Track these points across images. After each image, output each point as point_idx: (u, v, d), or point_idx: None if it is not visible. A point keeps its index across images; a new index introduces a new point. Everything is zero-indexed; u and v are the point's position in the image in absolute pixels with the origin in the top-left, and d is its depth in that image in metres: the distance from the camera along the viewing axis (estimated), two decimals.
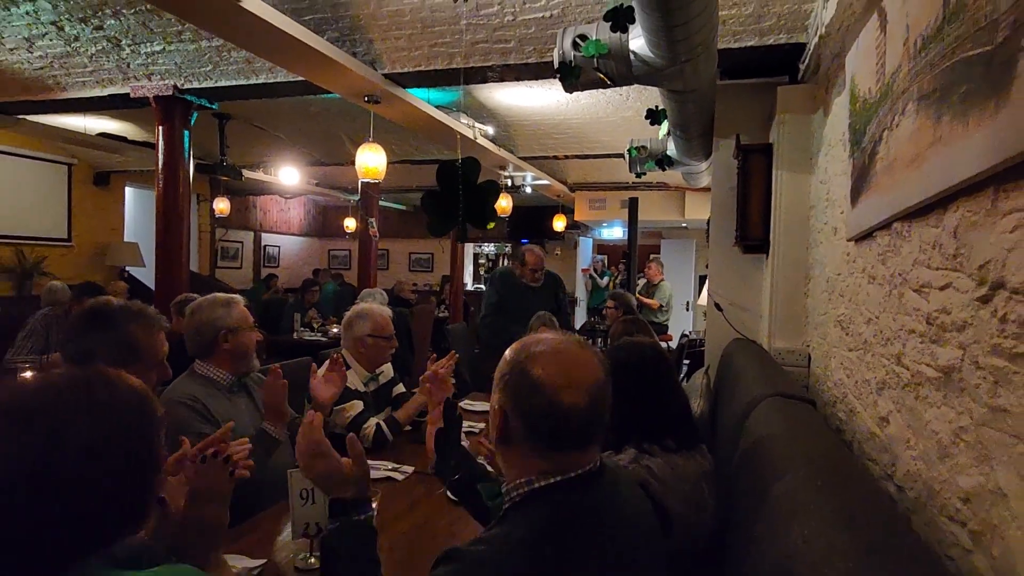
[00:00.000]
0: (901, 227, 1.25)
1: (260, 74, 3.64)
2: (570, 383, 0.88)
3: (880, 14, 1.39)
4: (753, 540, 1.00)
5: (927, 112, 1.03)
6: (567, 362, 0.91)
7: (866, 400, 1.51)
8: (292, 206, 10.83)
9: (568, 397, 0.87)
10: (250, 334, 2.02)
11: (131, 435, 0.76)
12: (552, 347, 0.93)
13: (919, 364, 1.11)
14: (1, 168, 5.80)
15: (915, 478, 1.11)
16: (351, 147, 5.96)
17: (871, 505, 0.90)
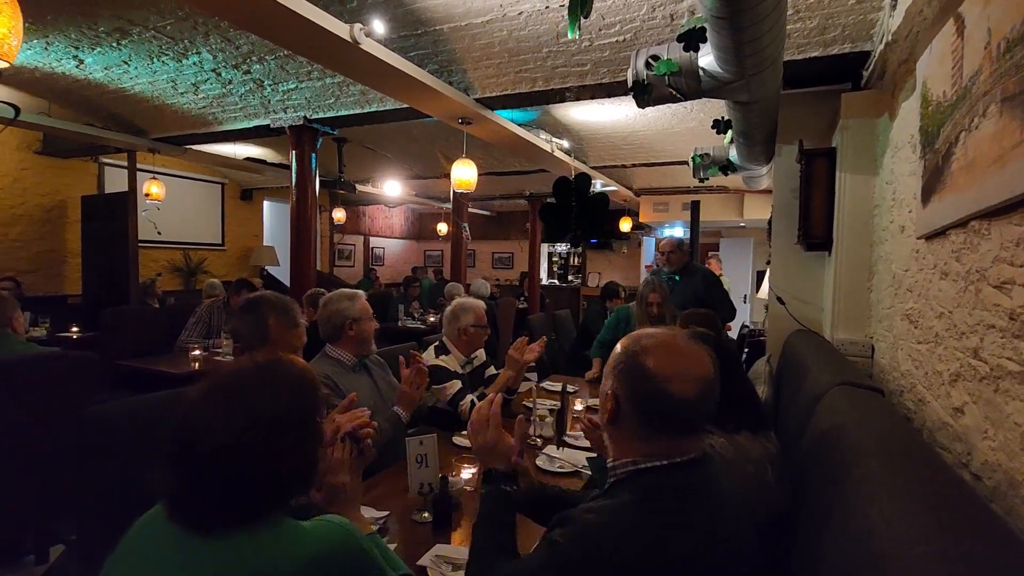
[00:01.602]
0: (979, 225, 1.14)
1: (372, 104, 3.80)
2: (680, 374, 0.86)
3: (956, 20, 1.27)
4: (828, 520, 0.95)
5: (1012, 113, 0.93)
6: (677, 355, 0.89)
7: (937, 391, 1.39)
8: (394, 214, 11.25)
9: (677, 387, 0.85)
10: (370, 323, 2.13)
11: (304, 410, 0.83)
12: (663, 340, 0.91)
13: (999, 358, 1.01)
14: (172, 188, 6.38)
15: (994, 468, 1.01)
16: (445, 162, 6.11)
17: (951, 490, 0.83)
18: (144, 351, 4.01)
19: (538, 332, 4.38)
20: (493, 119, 3.66)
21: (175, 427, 0.79)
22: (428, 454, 1.52)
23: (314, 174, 4.29)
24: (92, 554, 2.33)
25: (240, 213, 8.35)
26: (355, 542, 0.82)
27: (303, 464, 0.82)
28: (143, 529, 0.82)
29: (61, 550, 2.64)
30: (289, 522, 0.80)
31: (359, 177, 7.13)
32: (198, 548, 0.75)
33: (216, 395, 0.79)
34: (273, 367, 0.84)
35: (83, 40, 3.39)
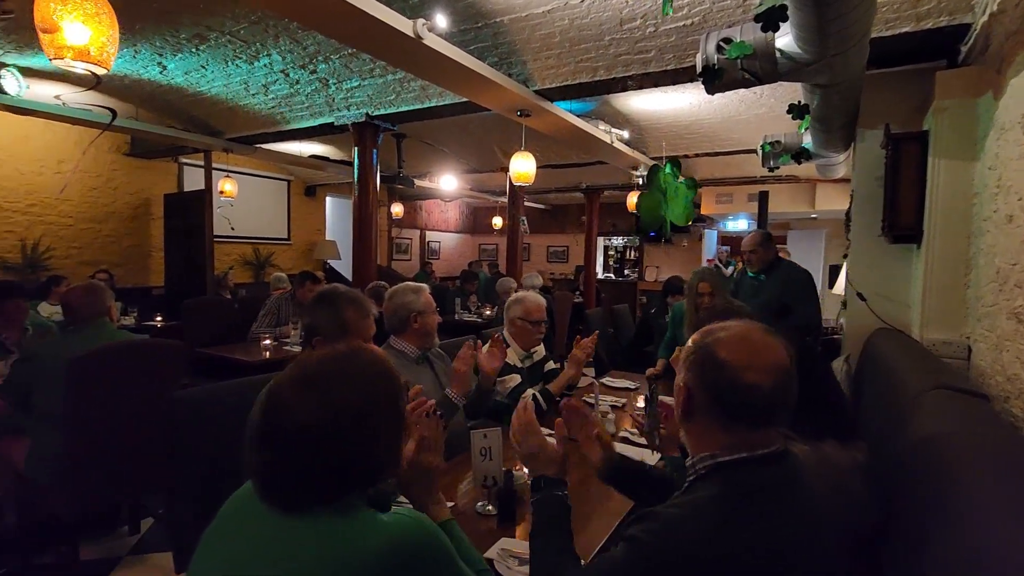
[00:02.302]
0: None
1: (432, 99, 3.85)
2: (754, 363, 0.84)
3: None
4: (927, 537, 0.88)
5: None
6: (752, 345, 0.87)
7: None
8: (450, 208, 11.42)
9: (752, 376, 0.83)
10: (433, 316, 2.16)
11: (386, 397, 0.85)
12: (737, 332, 0.89)
13: None
14: (243, 186, 6.74)
15: None
16: (501, 156, 6.13)
17: None
18: (219, 339, 4.27)
19: (595, 327, 4.32)
20: (552, 111, 3.63)
21: (263, 409, 0.83)
22: (492, 447, 1.53)
23: (375, 170, 4.41)
24: (177, 526, 2.52)
25: (304, 209, 8.72)
26: (433, 537, 0.83)
27: (385, 449, 0.84)
28: (236, 504, 0.87)
29: (151, 523, 2.87)
30: (369, 512, 0.82)
31: (417, 172, 7.27)
32: (283, 526, 0.79)
33: (303, 380, 0.81)
34: (356, 354, 0.87)
35: (166, 47, 3.62)
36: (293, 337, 4.01)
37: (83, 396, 2.14)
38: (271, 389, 0.84)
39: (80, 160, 6.04)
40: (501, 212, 9.16)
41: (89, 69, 1.58)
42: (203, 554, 0.87)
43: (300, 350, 3.62)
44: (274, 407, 0.81)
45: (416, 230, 10.71)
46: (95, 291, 2.42)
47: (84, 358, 2.12)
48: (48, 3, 1.45)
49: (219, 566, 0.82)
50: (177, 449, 1.62)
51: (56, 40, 1.48)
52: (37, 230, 5.77)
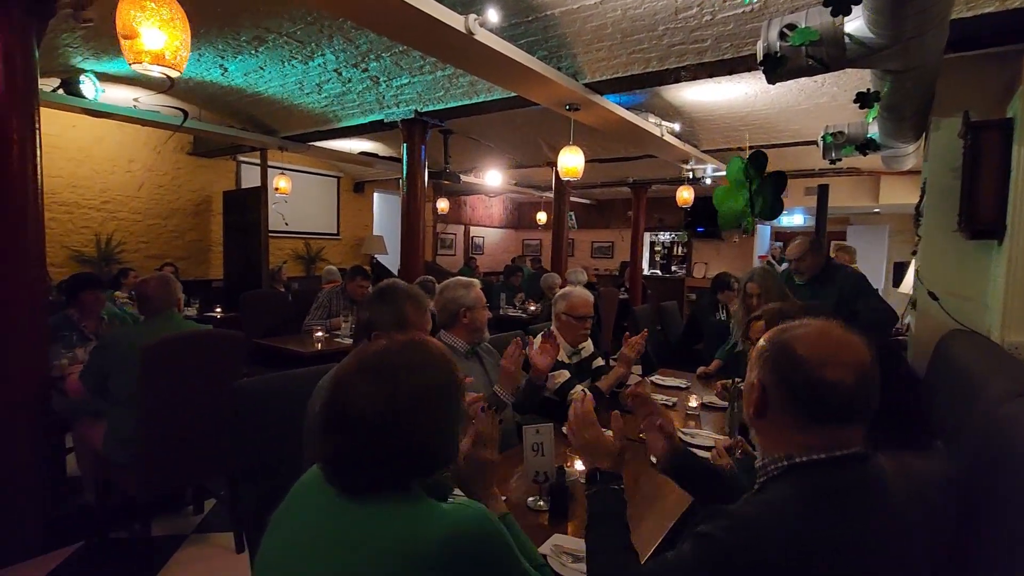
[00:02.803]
0: None
1: (480, 94, 3.88)
2: (833, 360, 0.81)
3: None
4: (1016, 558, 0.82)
5: None
6: (831, 341, 0.83)
7: None
8: (494, 203, 11.48)
9: (832, 373, 0.80)
10: (483, 311, 2.18)
11: (448, 388, 0.86)
12: (816, 328, 0.86)
13: None
14: (296, 183, 6.99)
15: None
16: (547, 151, 6.10)
17: None
18: (274, 331, 4.45)
19: (643, 324, 4.26)
20: (601, 104, 3.58)
21: (329, 397, 0.86)
22: (544, 443, 1.53)
23: (423, 165, 4.48)
24: (238, 508, 2.65)
25: (353, 204, 8.96)
26: (494, 529, 0.84)
27: (445, 438, 0.86)
28: (303, 487, 0.91)
29: (213, 503, 3.03)
30: (431, 501, 0.83)
31: (463, 168, 7.33)
32: (349, 510, 0.82)
33: (367, 368, 0.84)
34: (419, 344, 0.89)
35: (228, 50, 3.78)
36: (344, 330, 4.13)
37: (154, 382, 2.28)
38: (337, 377, 0.87)
39: (155, 160, 6.42)
40: (546, 207, 9.13)
41: (164, 72, 1.68)
42: (272, 536, 0.90)
43: (352, 343, 3.73)
44: (340, 394, 0.84)
45: (460, 225, 10.83)
46: (168, 283, 2.57)
47: (156, 346, 2.25)
48: (129, 10, 1.54)
49: (287, 547, 0.86)
50: (239, 435, 1.70)
51: (135, 45, 1.57)
52: (110, 225, 6.17)
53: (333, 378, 0.87)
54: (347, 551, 0.79)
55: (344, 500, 0.82)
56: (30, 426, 2.51)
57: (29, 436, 2.51)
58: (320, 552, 0.81)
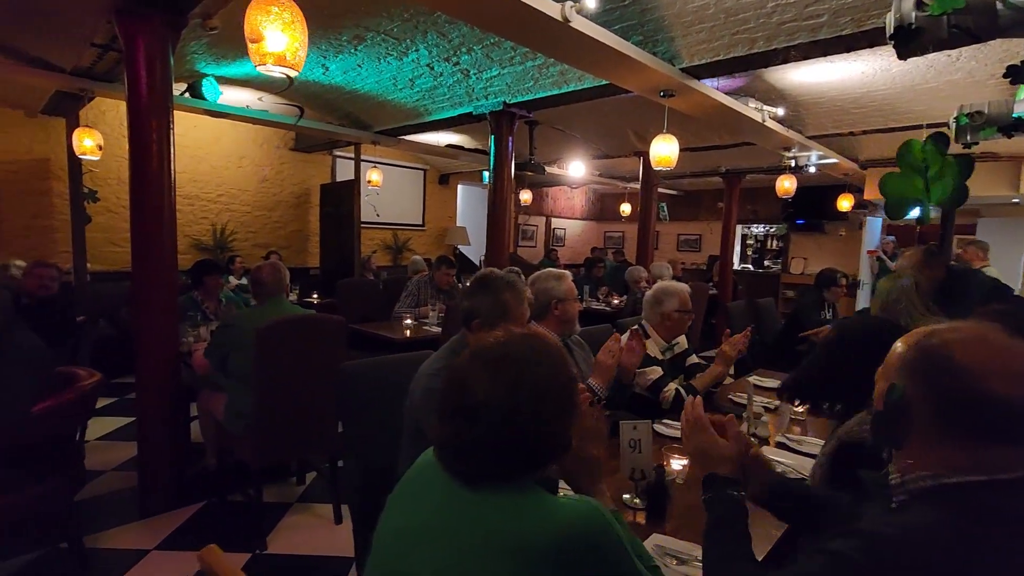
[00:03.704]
0: None
1: (570, 83, 3.84)
2: (999, 370, 0.71)
3: None
4: None
5: None
6: (995, 348, 0.74)
7: None
8: (576, 194, 11.37)
9: (999, 385, 0.71)
10: (574, 304, 2.17)
11: (564, 381, 0.87)
12: (973, 333, 0.76)
13: None
14: (387, 176, 7.30)
15: None
16: (635, 140, 5.95)
17: None
18: (366, 317, 4.70)
19: (737, 321, 4.06)
20: (698, 89, 3.42)
21: (447, 386, 0.88)
22: (642, 440, 1.50)
23: (511, 157, 4.51)
24: (338, 481, 2.83)
25: (438, 196, 9.24)
26: (610, 527, 0.83)
27: (561, 431, 0.86)
28: (419, 469, 0.94)
29: (314, 476, 3.26)
30: (545, 494, 0.84)
31: (547, 159, 7.32)
32: (463, 497, 0.84)
33: (487, 360, 0.85)
34: (537, 338, 0.89)
35: (330, 50, 4.00)
36: (431, 318, 4.28)
37: (267, 361, 2.48)
38: (456, 367, 0.88)
39: (263, 156, 6.98)
40: (630, 198, 8.90)
41: (285, 72, 1.81)
42: (389, 516, 0.94)
43: (440, 331, 3.86)
44: (459, 384, 0.85)
45: (542, 216, 10.84)
46: (279, 270, 2.79)
47: (269, 328, 2.45)
48: (256, 16, 1.68)
49: (403, 529, 0.89)
50: (344, 414, 1.81)
51: (260, 48, 1.71)
52: (224, 216, 6.78)
53: (452, 368, 0.90)
54: (460, 538, 0.81)
55: (459, 487, 0.84)
56: (167, 396, 2.84)
57: (166, 405, 2.84)
58: (434, 537, 0.83)
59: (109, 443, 3.64)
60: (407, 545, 0.86)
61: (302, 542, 2.58)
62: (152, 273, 2.78)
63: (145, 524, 2.69)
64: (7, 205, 5.33)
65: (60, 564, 2.34)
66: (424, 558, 0.82)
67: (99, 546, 2.47)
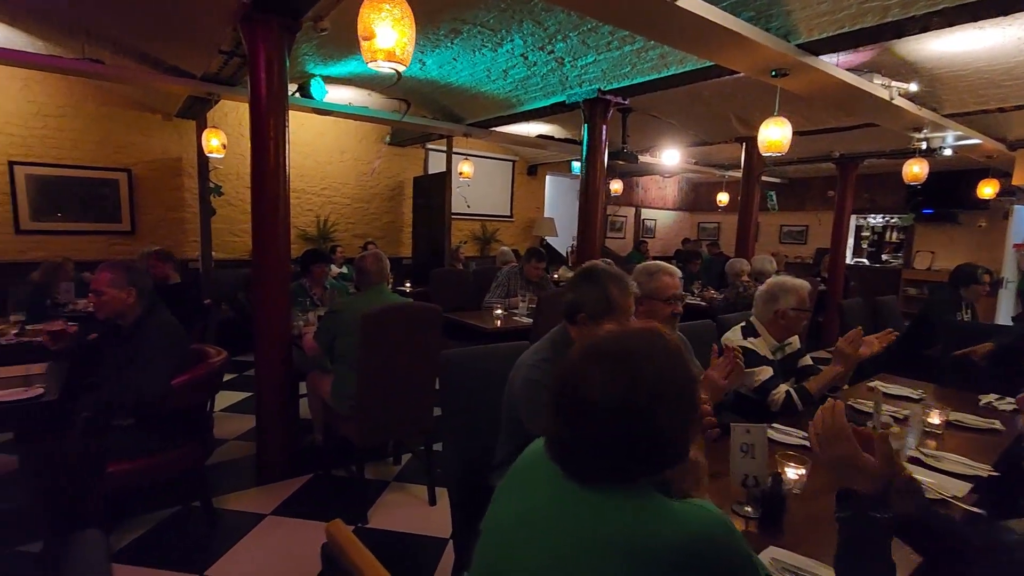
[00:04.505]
0: None
1: (670, 67, 3.67)
2: None
3: None
4: None
5: None
6: None
7: None
8: (668, 184, 10.96)
9: None
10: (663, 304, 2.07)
11: (686, 380, 0.82)
12: None
13: None
14: (477, 168, 7.44)
15: None
16: (737, 125, 5.61)
17: None
18: (458, 306, 4.83)
19: (854, 321, 3.72)
20: (816, 66, 3.14)
21: (561, 382, 0.86)
22: (755, 445, 1.41)
23: (604, 146, 4.42)
24: (432, 464, 2.95)
25: (526, 187, 9.28)
26: (736, 535, 0.78)
27: (681, 434, 0.82)
28: (530, 461, 0.94)
29: (409, 457, 3.42)
30: (663, 498, 0.80)
31: (640, 147, 7.10)
32: (578, 496, 0.82)
33: (603, 355, 0.83)
34: (655, 334, 0.85)
35: (427, 45, 4.12)
36: (521, 308, 4.32)
37: (371, 345, 2.62)
38: (570, 362, 0.86)
39: (361, 151, 7.38)
40: (729, 187, 8.44)
41: (393, 67, 1.88)
42: (499, 506, 0.94)
43: (531, 322, 3.89)
44: (573, 380, 0.83)
45: (631, 207, 10.57)
46: (381, 260, 2.93)
47: (374, 314, 2.59)
48: (369, 14, 1.76)
49: (514, 521, 0.89)
50: (445, 400, 1.87)
51: (371, 45, 1.79)
52: (327, 208, 7.24)
53: (565, 363, 0.88)
54: (572, 534, 0.79)
55: (571, 483, 0.82)
56: (281, 375, 3.09)
57: (281, 384, 3.09)
58: (544, 530, 0.82)
59: (231, 415, 4.04)
60: (517, 536, 0.86)
61: (399, 519, 2.72)
62: (269, 262, 3.02)
63: (261, 490, 2.95)
64: (147, 200, 6.03)
65: (193, 520, 2.63)
66: (534, 550, 0.82)
67: (224, 507, 2.74)
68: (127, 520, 2.59)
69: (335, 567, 0.88)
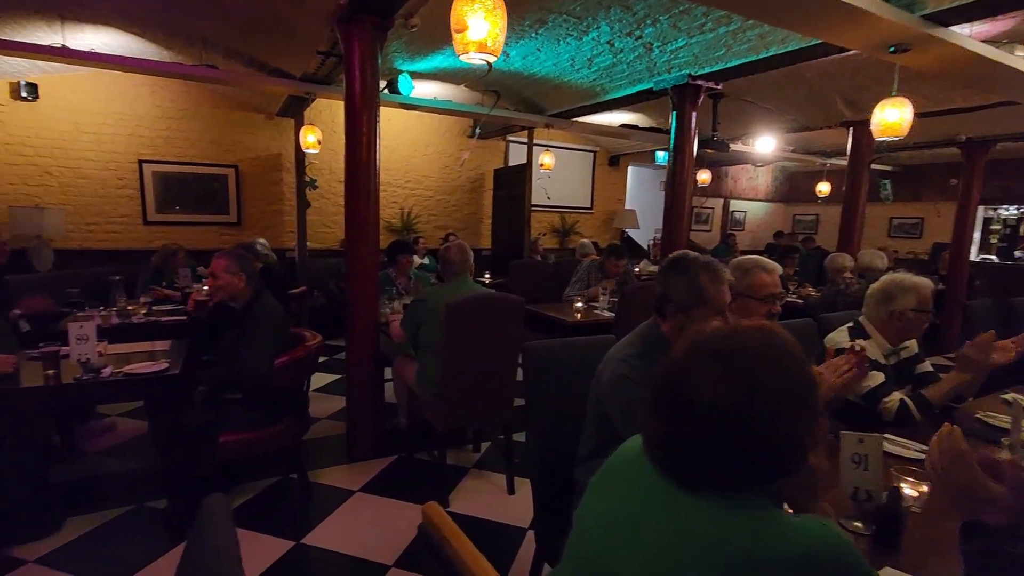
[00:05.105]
0: None
1: (771, 47, 3.44)
2: None
3: None
4: None
5: None
6: None
7: None
8: (760, 174, 10.35)
9: None
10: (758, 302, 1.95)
11: (805, 384, 0.77)
12: None
13: None
14: (558, 159, 7.40)
15: None
16: (844, 108, 5.17)
17: None
18: (537, 298, 4.84)
19: (980, 323, 3.33)
20: (945, 39, 2.82)
21: (661, 379, 0.82)
22: (869, 456, 1.30)
23: (693, 134, 4.24)
24: (511, 453, 2.99)
25: (607, 179, 9.11)
26: (859, 559, 0.72)
27: (799, 441, 0.76)
28: (626, 458, 0.91)
29: (488, 445, 3.48)
30: (778, 511, 0.75)
31: (731, 135, 6.75)
32: (676, 498, 0.78)
33: (712, 354, 0.78)
34: (769, 331, 0.80)
35: (511, 36, 4.13)
36: (602, 302, 4.26)
37: (454, 334, 2.69)
38: (672, 360, 0.82)
39: (444, 144, 7.59)
40: (830, 176, 7.83)
41: (484, 58, 1.91)
42: (593, 501, 0.92)
43: (614, 316, 3.82)
44: (677, 379, 0.79)
45: (719, 199, 10.09)
46: (466, 251, 3.00)
47: (459, 303, 2.65)
48: (463, 6, 1.79)
49: (609, 518, 0.86)
50: (528, 391, 1.87)
51: (464, 38, 1.82)
52: (410, 201, 7.51)
53: (667, 361, 0.84)
54: (670, 542, 0.76)
55: (671, 486, 0.79)
56: (370, 360, 3.25)
57: (369, 368, 3.26)
58: (641, 534, 0.80)
59: (323, 395, 4.31)
60: (612, 534, 0.84)
61: (479, 506, 2.78)
62: (360, 252, 3.18)
63: (350, 468, 3.13)
64: (251, 194, 6.54)
65: (291, 491, 2.84)
66: (630, 551, 0.80)
67: (317, 481, 2.94)
68: (233, 487, 2.84)
69: (431, 545, 0.91)
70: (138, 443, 3.34)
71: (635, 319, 1.68)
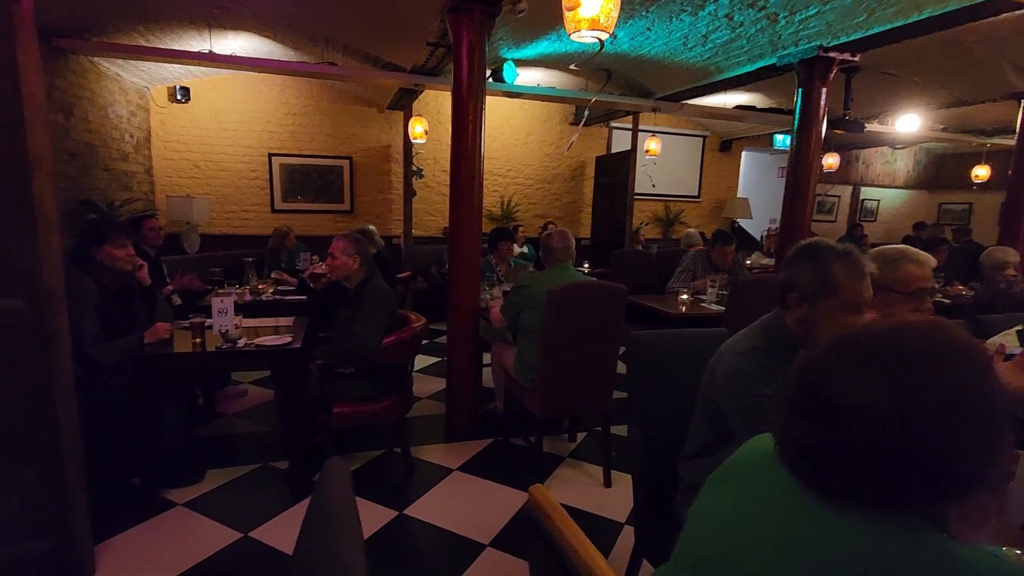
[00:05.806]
0: None
1: (924, 9, 3.03)
2: None
3: None
4: None
5: None
6: None
7: None
8: (899, 157, 9.24)
9: None
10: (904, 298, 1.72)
11: (979, 391, 0.66)
12: None
13: None
14: (664, 145, 7.10)
15: None
16: (1014, 77, 4.46)
17: None
18: (638, 288, 4.69)
19: None
20: None
21: (800, 376, 0.74)
22: None
23: (823, 112, 3.86)
24: (608, 446, 2.94)
25: (717, 165, 8.61)
26: None
27: (975, 459, 0.65)
28: (752, 457, 0.85)
29: (584, 435, 3.46)
30: (944, 540, 0.65)
31: (865, 114, 6.09)
32: (814, 510, 0.71)
33: (865, 353, 0.69)
34: (939, 329, 0.69)
35: (620, 16, 3.99)
36: (710, 295, 4.04)
37: (555, 320, 2.68)
38: (814, 356, 0.74)
39: (545, 132, 7.59)
40: (990, 159, 6.80)
41: (596, 36, 1.86)
42: (710, 499, 0.88)
43: (724, 310, 3.61)
44: (820, 377, 0.71)
45: (847, 186, 9.16)
46: (568, 238, 2.97)
47: (560, 290, 2.64)
48: None
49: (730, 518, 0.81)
50: (632, 383, 1.82)
51: (575, 16, 1.78)
52: (511, 189, 7.60)
53: (811, 356, 0.75)
54: (804, 557, 0.69)
55: (805, 494, 0.72)
56: (470, 344, 3.35)
57: (470, 351, 3.35)
58: (769, 540, 0.73)
59: (425, 376, 4.51)
60: (734, 536, 0.79)
61: (574, 496, 2.77)
62: (463, 239, 3.26)
63: (449, 447, 3.25)
64: (362, 183, 6.97)
65: (394, 465, 3.01)
66: (754, 555, 0.74)
67: (418, 456, 3.08)
68: (344, 456, 3.06)
69: (536, 529, 0.91)
70: (266, 409, 3.71)
71: (748, 314, 1.56)
